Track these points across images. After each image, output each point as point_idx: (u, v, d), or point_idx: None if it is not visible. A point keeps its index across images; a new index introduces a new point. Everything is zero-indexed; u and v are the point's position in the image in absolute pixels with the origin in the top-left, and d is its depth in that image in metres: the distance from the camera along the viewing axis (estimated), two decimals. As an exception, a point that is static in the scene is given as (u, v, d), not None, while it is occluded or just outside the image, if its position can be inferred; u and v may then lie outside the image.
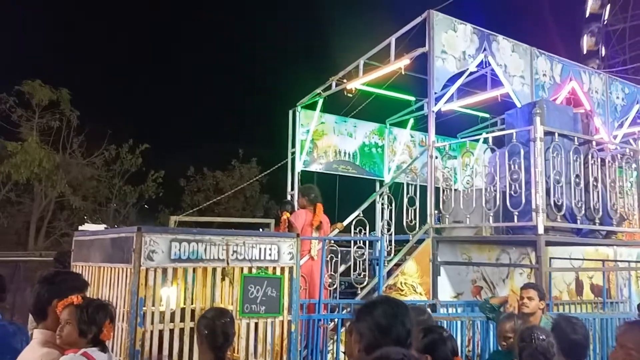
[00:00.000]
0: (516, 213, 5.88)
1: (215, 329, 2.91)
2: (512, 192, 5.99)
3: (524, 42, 8.09)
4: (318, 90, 9.57)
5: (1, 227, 15.19)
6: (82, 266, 4.03)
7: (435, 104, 7.29)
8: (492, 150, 6.57)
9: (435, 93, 7.19)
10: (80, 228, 5.23)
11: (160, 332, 3.43)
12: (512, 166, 6.03)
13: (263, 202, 19.20)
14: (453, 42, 7.35)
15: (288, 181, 9.60)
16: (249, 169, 18.80)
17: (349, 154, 10.38)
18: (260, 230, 6.88)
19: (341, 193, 10.07)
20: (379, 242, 6.05)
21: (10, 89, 14.97)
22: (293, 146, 9.81)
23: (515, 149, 6.04)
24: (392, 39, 7.81)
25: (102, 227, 5.46)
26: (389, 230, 6.83)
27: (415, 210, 6.90)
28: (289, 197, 9.17)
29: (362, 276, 6.16)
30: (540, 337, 2.99)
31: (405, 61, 7.67)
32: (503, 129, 8.60)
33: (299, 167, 9.62)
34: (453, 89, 8.05)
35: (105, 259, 3.78)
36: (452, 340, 2.59)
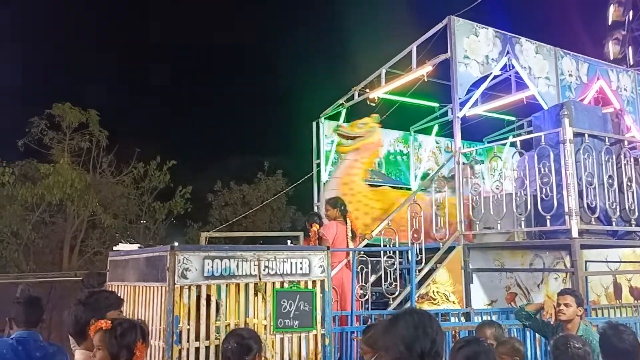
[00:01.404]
0: (548, 217, 5.78)
1: (225, 352, 2.93)
2: (544, 196, 5.89)
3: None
4: (341, 101, 9.60)
5: (36, 248, 15.56)
6: (118, 286, 4.11)
7: (460, 110, 7.23)
8: (521, 154, 6.47)
9: (460, 98, 7.14)
10: (114, 248, 5.31)
11: (197, 350, 3.46)
12: (542, 169, 5.93)
13: (290, 214, 19.25)
14: (475, 47, 7.30)
15: (314, 192, 9.62)
16: (275, 181, 18.90)
17: (374, 163, 10.36)
18: (289, 242, 6.90)
19: (368, 202, 10.01)
20: (409, 251, 6.00)
21: (41, 112, 15.41)
22: (318, 157, 9.84)
23: (545, 151, 5.94)
24: (414, 47, 7.80)
25: (136, 246, 5.52)
26: (418, 238, 6.76)
27: (444, 217, 6.84)
28: (315, 209, 9.18)
29: (393, 286, 6.12)
30: (576, 346, 2.91)
31: (427, 68, 7.64)
32: (530, 132, 8.48)
33: (324, 177, 9.63)
34: (477, 93, 7.97)
35: (140, 278, 3.84)
36: (491, 353, 2.53)
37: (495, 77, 8.27)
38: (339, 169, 7.32)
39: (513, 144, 7.53)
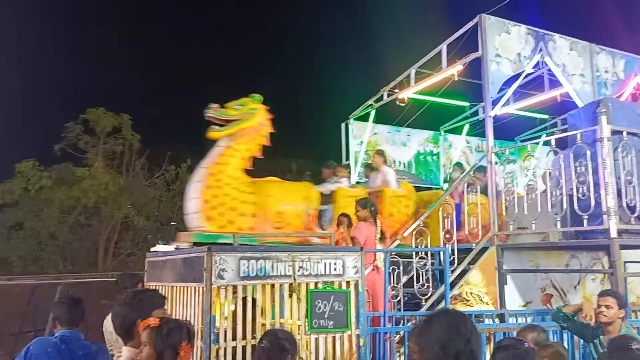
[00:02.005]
0: (585, 216, 5.65)
1: (260, 352, 2.95)
2: (580, 195, 5.76)
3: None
4: (370, 102, 9.59)
5: (73, 249, 15.99)
6: (156, 286, 4.18)
7: (492, 109, 7.14)
8: (555, 153, 6.35)
9: (491, 97, 7.06)
10: (152, 249, 5.39)
11: (234, 349, 3.50)
12: (579, 168, 5.81)
13: (319, 214, 19.27)
14: (507, 45, 7.20)
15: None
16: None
17: (404, 164, 10.31)
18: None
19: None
20: (442, 252, 5.95)
21: (76, 117, 15.86)
22: (347, 158, 9.85)
23: (581, 150, 5.82)
24: (444, 46, 7.74)
25: (172, 247, 5.59)
26: (450, 239, 6.70)
27: (477, 217, 6.76)
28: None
29: (425, 287, 6.08)
30: (636, 347, 2.82)
31: (458, 67, 7.58)
32: (564, 130, 8.31)
33: (354, 179, 9.62)
34: (509, 92, 7.86)
35: (178, 279, 3.91)
36: (532, 355, 2.46)
37: (527, 75, 8.15)
38: (207, 157, 6.39)
39: (547, 143, 7.41)
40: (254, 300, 3.63)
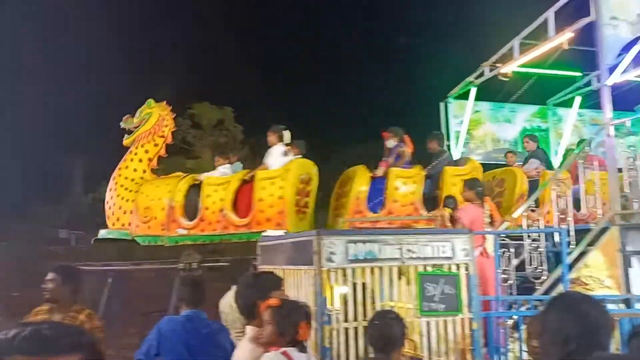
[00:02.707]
0: None
1: (371, 332, 2.96)
2: None
3: None
4: (470, 79, 9.24)
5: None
6: (268, 269, 4.37)
7: (608, 77, 6.57)
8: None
9: (608, 65, 6.49)
10: (263, 234, 5.69)
11: (346, 330, 3.58)
12: None
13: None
14: (624, 5, 6.59)
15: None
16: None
17: (509, 142, 9.84)
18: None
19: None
20: (559, 233, 5.62)
21: (183, 112, 16.90)
22: (447, 138, 9.58)
23: None
24: (550, 13, 7.24)
25: (282, 232, 5.87)
26: (564, 220, 6.30)
27: (594, 196, 6.29)
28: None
29: (539, 271, 5.78)
30: None
31: (567, 35, 7.05)
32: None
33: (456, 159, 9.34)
34: (629, 57, 7.16)
35: (289, 262, 4.06)
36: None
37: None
38: None
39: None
40: (363, 284, 3.68)
